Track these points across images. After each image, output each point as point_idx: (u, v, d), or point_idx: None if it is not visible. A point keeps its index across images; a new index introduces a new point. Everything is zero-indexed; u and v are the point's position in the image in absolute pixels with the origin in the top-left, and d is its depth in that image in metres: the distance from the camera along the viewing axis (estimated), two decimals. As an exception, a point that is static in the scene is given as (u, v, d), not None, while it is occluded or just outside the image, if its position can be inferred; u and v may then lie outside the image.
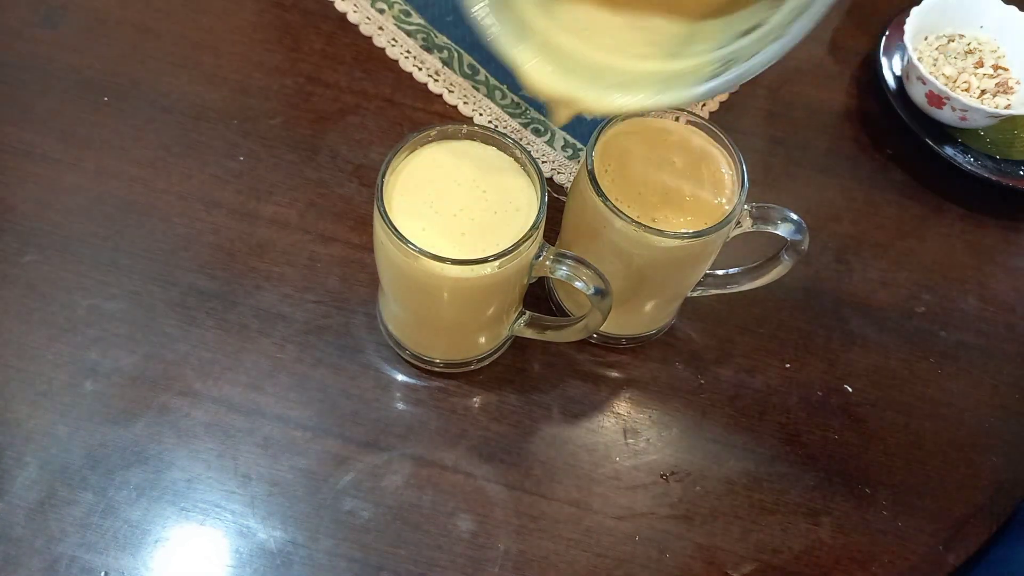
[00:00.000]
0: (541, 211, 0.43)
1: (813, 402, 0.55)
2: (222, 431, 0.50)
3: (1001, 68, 0.67)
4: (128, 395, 0.51)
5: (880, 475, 0.53)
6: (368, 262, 0.56)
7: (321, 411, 0.51)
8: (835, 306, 0.59)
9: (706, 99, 0.40)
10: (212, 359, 0.52)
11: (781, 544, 0.50)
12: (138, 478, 0.48)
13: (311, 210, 0.58)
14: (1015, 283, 0.62)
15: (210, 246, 0.56)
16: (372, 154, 0.61)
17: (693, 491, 0.51)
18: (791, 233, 0.47)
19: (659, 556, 0.49)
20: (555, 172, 0.62)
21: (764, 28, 0.39)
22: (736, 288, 0.54)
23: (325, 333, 0.54)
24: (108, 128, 0.60)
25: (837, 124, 0.68)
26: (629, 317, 0.53)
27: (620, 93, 0.40)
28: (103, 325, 0.53)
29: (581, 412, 0.53)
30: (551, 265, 0.45)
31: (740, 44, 0.40)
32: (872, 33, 0.72)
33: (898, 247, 0.62)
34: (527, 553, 0.48)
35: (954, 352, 0.58)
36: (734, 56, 0.39)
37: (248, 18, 0.67)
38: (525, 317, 0.51)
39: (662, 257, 0.46)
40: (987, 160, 0.65)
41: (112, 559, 0.46)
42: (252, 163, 0.60)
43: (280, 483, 0.49)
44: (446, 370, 0.53)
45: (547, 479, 0.51)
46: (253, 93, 0.63)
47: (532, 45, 0.40)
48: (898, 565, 0.50)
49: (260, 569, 0.47)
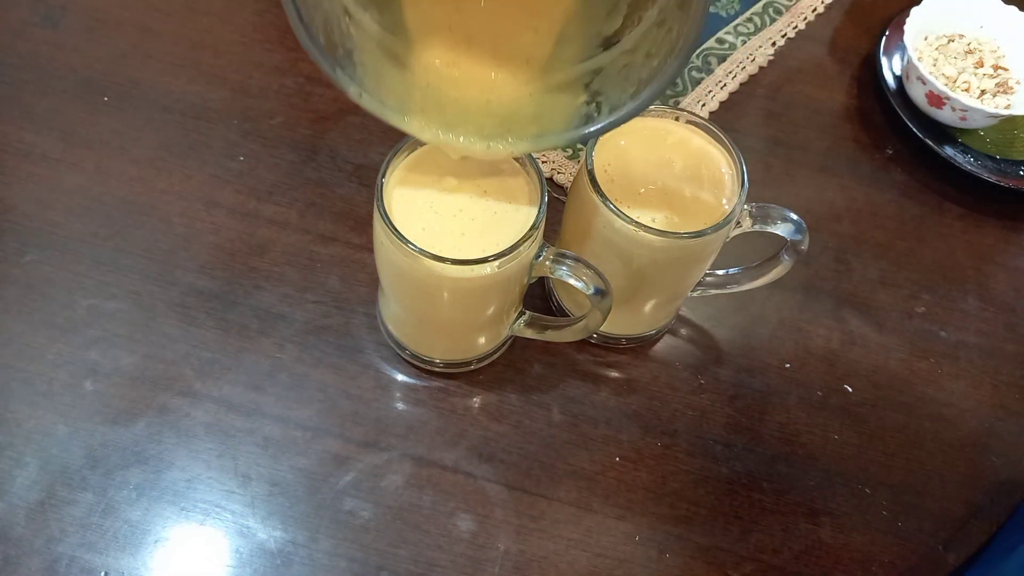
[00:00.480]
0: (541, 211, 0.43)
1: (813, 402, 0.55)
2: (222, 431, 0.50)
3: (1001, 68, 0.67)
4: (128, 395, 0.51)
5: (880, 475, 0.53)
6: (368, 262, 0.56)
7: (321, 411, 0.51)
8: (835, 306, 0.59)
9: (584, 141, 0.42)
10: (212, 359, 0.52)
11: (781, 544, 0.50)
12: (138, 478, 0.48)
13: (311, 210, 0.58)
14: (1015, 283, 0.62)
15: (210, 246, 0.56)
16: (372, 154, 0.61)
17: (693, 491, 0.51)
18: (791, 233, 0.47)
19: (659, 556, 0.49)
20: (555, 172, 0.62)
21: (626, 47, 0.39)
22: (736, 288, 0.54)
23: (325, 333, 0.54)
24: (108, 128, 0.60)
25: (837, 124, 0.68)
26: (629, 317, 0.53)
27: (503, 142, 0.41)
28: (103, 325, 0.53)
29: (581, 412, 0.53)
30: (551, 265, 0.45)
31: (605, 57, 0.40)
32: (872, 33, 0.72)
33: (898, 247, 0.62)
34: (527, 553, 0.48)
35: (954, 352, 0.58)
36: (603, 69, 0.40)
37: (248, 18, 0.67)
38: (525, 317, 0.51)
39: (662, 257, 0.46)
40: (987, 160, 0.65)
41: (112, 559, 0.46)
42: (252, 163, 0.60)
43: (280, 483, 0.49)
44: (446, 370, 0.53)
45: (547, 479, 0.51)
46: (253, 93, 0.63)
47: (415, 112, 0.41)
48: (898, 565, 0.50)
49: (260, 569, 0.47)
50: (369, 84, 0.40)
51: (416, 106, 0.41)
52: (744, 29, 0.72)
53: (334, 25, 0.38)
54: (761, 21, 0.73)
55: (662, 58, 0.37)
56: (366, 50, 0.40)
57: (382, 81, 0.41)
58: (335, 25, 0.38)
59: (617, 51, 0.40)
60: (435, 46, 0.41)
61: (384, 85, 0.41)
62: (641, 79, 0.38)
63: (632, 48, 0.39)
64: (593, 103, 0.40)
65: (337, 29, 0.39)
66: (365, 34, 0.40)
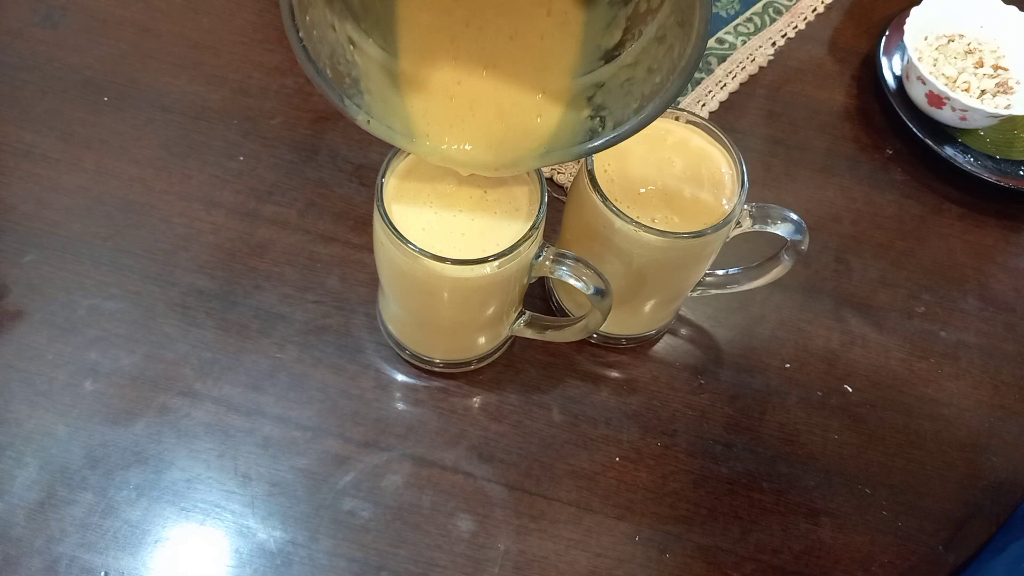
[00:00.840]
0: (541, 211, 0.43)
1: (813, 402, 0.55)
2: (222, 431, 0.50)
3: (1001, 68, 0.67)
4: (128, 395, 0.51)
5: (880, 475, 0.53)
6: (368, 262, 0.56)
7: (321, 411, 0.51)
8: (835, 306, 0.59)
9: (589, 155, 0.43)
10: (212, 359, 0.52)
11: (781, 544, 0.50)
12: (138, 478, 0.48)
13: (311, 210, 0.58)
14: (1015, 283, 0.62)
15: (210, 246, 0.56)
16: (372, 154, 0.61)
17: (693, 491, 0.51)
18: (791, 233, 0.47)
19: (659, 556, 0.49)
20: (555, 172, 0.62)
21: (627, 61, 0.40)
22: (736, 288, 0.54)
23: (325, 333, 0.54)
24: (108, 128, 0.60)
25: (837, 124, 0.68)
26: (629, 317, 0.53)
27: (510, 161, 0.42)
28: (103, 325, 0.53)
29: (581, 412, 0.53)
30: (551, 265, 0.45)
31: (606, 71, 0.41)
32: (872, 33, 0.72)
33: (898, 247, 0.62)
34: (527, 553, 0.48)
35: (954, 352, 0.58)
36: (605, 84, 0.41)
37: (248, 18, 0.67)
38: (525, 317, 0.51)
39: (662, 257, 0.46)
40: (987, 160, 0.65)
41: (112, 559, 0.46)
42: (252, 163, 0.60)
43: (280, 483, 0.49)
44: (446, 370, 0.53)
45: (547, 479, 0.51)
46: (253, 93, 0.63)
47: (422, 136, 0.42)
48: (898, 565, 0.50)
49: (260, 569, 0.47)
50: (376, 110, 0.41)
51: (422, 130, 0.42)
52: (744, 29, 0.72)
53: (340, 56, 0.39)
54: (761, 21, 0.73)
55: (664, 75, 0.38)
56: (371, 76, 0.41)
57: (388, 106, 0.41)
58: (341, 56, 0.39)
59: (617, 65, 0.40)
60: (438, 69, 0.41)
61: (391, 110, 0.41)
62: (644, 94, 0.39)
63: (633, 62, 0.40)
64: (597, 117, 0.41)
65: (343, 59, 0.39)
66: (370, 59, 0.41)
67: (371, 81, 0.41)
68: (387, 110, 0.41)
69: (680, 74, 0.36)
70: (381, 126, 0.41)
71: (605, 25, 0.40)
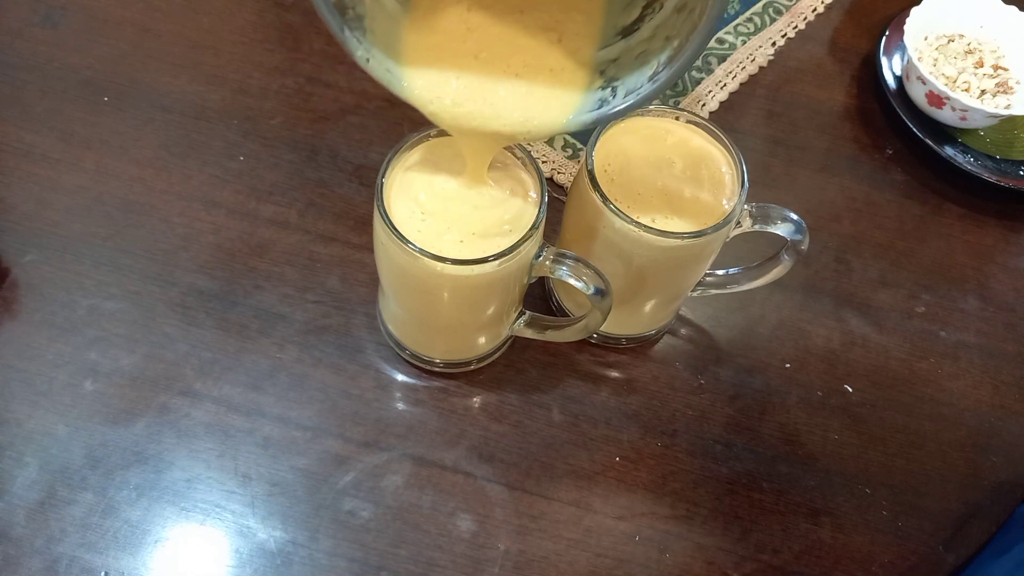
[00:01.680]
0: (541, 211, 0.43)
1: (813, 402, 0.55)
2: (222, 431, 0.50)
3: (1001, 68, 0.67)
4: (128, 395, 0.51)
5: (880, 475, 0.53)
6: (368, 262, 0.56)
7: (321, 411, 0.51)
8: (835, 306, 0.59)
9: (599, 123, 0.42)
10: (212, 359, 0.52)
11: (781, 544, 0.50)
12: (138, 478, 0.48)
13: (311, 210, 0.58)
14: (1015, 283, 0.62)
15: (210, 246, 0.56)
16: (372, 154, 0.61)
17: (693, 491, 0.51)
18: (791, 233, 0.47)
19: (659, 556, 0.49)
20: (555, 172, 0.62)
21: (643, 35, 0.39)
22: (736, 288, 0.54)
23: (325, 333, 0.54)
24: (108, 128, 0.60)
25: (837, 124, 0.68)
26: (629, 317, 0.53)
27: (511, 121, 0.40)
28: (103, 325, 0.53)
29: (581, 412, 0.53)
30: (551, 265, 0.45)
31: (622, 46, 0.40)
32: (872, 33, 0.72)
33: (898, 247, 0.62)
34: (527, 553, 0.48)
35: (954, 352, 0.58)
36: (619, 58, 0.39)
37: (248, 18, 0.67)
38: (525, 317, 0.51)
39: (662, 257, 0.46)
40: (987, 160, 0.65)
41: (112, 559, 0.46)
42: (252, 163, 0.60)
43: (280, 483, 0.49)
44: (446, 370, 0.53)
45: (547, 479, 0.51)
46: (253, 93, 0.63)
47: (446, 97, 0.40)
48: (898, 565, 0.50)
49: (260, 569, 0.47)
50: (377, 51, 0.39)
51: (422, 77, 0.40)
52: (744, 29, 0.72)
53: None
54: (761, 21, 0.73)
55: (683, 38, 0.36)
56: (378, 18, 0.39)
57: (391, 47, 0.40)
58: None
59: (635, 39, 0.39)
60: (448, 14, 0.40)
61: (393, 51, 0.40)
62: (660, 61, 0.38)
63: (650, 36, 0.39)
64: (609, 88, 0.40)
65: None
66: (378, 2, 0.39)
67: (376, 22, 0.39)
68: (389, 50, 0.39)
69: (700, 32, 0.35)
70: (380, 67, 0.39)
71: (623, 6, 0.39)
